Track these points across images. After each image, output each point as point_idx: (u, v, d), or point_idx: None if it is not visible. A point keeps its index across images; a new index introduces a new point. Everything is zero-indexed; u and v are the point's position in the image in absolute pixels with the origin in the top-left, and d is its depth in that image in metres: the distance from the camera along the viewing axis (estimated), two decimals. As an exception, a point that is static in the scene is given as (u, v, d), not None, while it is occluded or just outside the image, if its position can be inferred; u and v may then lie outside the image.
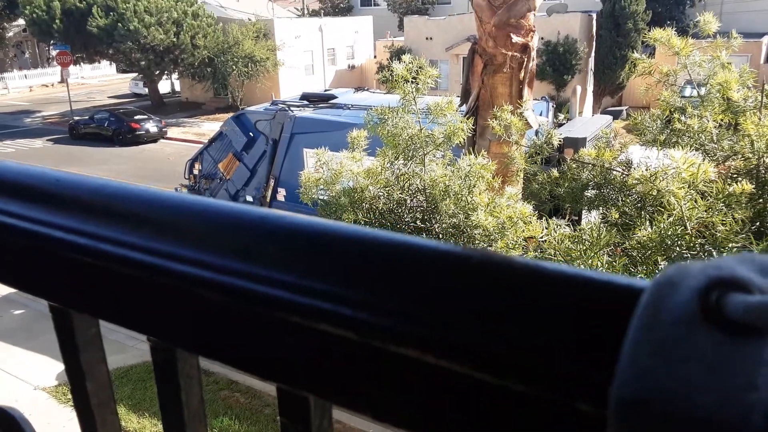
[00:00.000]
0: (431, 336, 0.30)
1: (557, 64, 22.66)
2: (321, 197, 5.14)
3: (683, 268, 0.24)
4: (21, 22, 34.43)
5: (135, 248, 0.40)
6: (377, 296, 0.32)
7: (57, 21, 25.17)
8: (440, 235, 4.58)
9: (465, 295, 0.30)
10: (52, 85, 40.26)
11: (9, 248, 0.48)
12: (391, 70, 4.78)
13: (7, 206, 0.48)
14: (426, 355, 0.30)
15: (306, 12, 45.64)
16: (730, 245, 2.43)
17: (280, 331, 0.34)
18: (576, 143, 8.33)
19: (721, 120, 4.02)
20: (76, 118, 25.74)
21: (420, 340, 0.30)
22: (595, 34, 24.18)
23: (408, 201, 4.72)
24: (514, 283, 0.30)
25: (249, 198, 11.40)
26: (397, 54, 23.78)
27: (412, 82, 4.75)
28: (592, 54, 24.10)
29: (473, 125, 6.00)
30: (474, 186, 4.37)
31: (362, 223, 4.69)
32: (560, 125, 10.61)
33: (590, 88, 24.08)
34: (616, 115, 18.13)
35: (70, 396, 0.51)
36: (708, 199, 2.70)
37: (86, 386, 0.49)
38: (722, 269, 0.23)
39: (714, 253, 2.45)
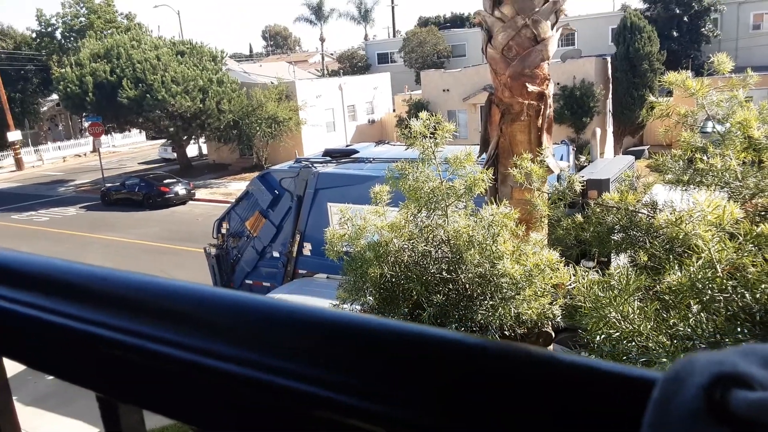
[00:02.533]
0: None
1: (575, 107, 22.81)
2: (346, 251, 5.18)
3: (689, 364, 0.26)
4: (54, 97, 36.17)
5: (174, 345, 0.43)
6: (406, 394, 0.34)
7: (89, 94, 26.35)
8: (467, 285, 4.56)
9: (484, 391, 0.32)
10: (85, 154, 41.83)
11: (58, 344, 0.51)
12: (409, 127, 4.88)
13: (57, 305, 0.51)
14: None
15: (326, 72, 47.11)
16: (762, 286, 2.38)
17: (315, 426, 0.37)
18: (599, 185, 8.30)
19: (744, 157, 3.99)
20: (108, 184, 26.59)
21: None
22: (611, 76, 24.37)
23: (433, 252, 4.73)
24: (533, 378, 0.32)
25: (276, 254, 11.51)
26: (415, 107, 24.23)
27: (430, 137, 4.84)
28: (610, 96, 24.22)
29: (494, 174, 6.04)
30: (498, 235, 4.37)
31: (388, 276, 4.70)
32: (582, 167, 10.60)
33: (610, 129, 24.09)
34: (638, 155, 18.04)
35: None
36: (737, 240, 2.66)
37: None
38: (725, 365, 0.25)
39: (747, 295, 2.40)
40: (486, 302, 4.24)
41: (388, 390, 0.35)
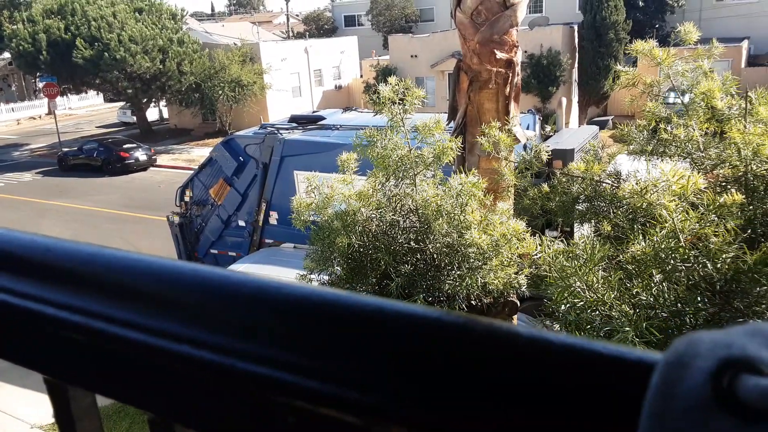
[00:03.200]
0: (445, 425, 0.29)
1: (542, 76, 22.91)
2: (313, 221, 5.13)
3: (692, 345, 0.24)
4: (6, 55, 34.51)
5: (126, 325, 0.39)
6: (384, 380, 0.31)
7: (43, 53, 25.21)
8: (434, 255, 4.58)
9: (468, 375, 0.29)
10: (40, 117, 40.26)
11: (0, 324, 0.47)
12: (378, 93, 4.81)
13: None
14: None
15: (291, 35, 46.09)
16: (723, 256, 2.45)
17: (280, 412, 0.34)
18: (564, 155, 8.41)
19: (707, 128, 4.06)
20: (65, 149, 25.72)
21: (429, 428, 0.29)
22: (577, 45, 24.50)
23: (401, 222, 4.72)
24: (521, 360, 0.29)
25: (241, 223, 11.37)
26: (383, 73, 23.99)
27: (399, 103, 4.78)
28: (576, 65, 24.39)
29: (462, 142, 6.03)
30: (466, 204, 4.38)
31: (356, 246, 4.68)
32: (548, 137, 10.71)
33: (575, 98, 24.34)
34: (602, 125, 18.32)
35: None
36: (699, 211, 2.72)
37: None
38: (732, 348, 0.23)
39: (708, 265, 2.46)
40: (453, 272, 4.27)
41: (363, 375, 0.32)
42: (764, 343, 0.23)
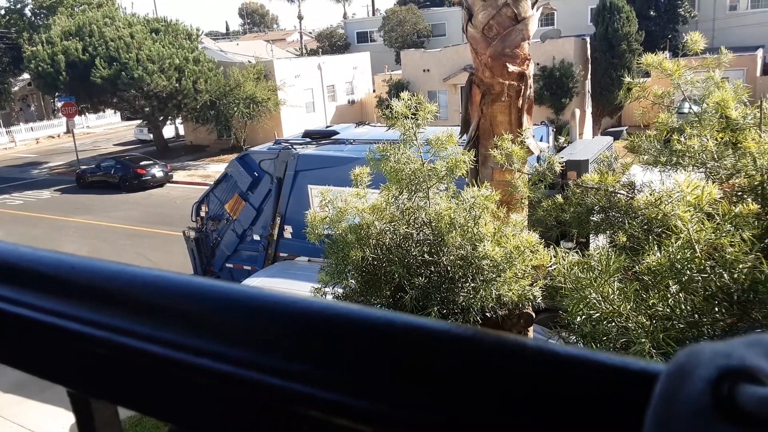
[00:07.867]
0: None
1: (554, 88, 22.88)
2: (327, 234, 5.16)
3: (693, 356, 0.25)
4: (26, 76, 35.21)
5: (147, 339, 0.41)
6: (396, 390, 0.32)
7: (62, 74, 25.69)
8: (448, 267, 4.57)
9: (477, 386, 0.30)
10: (59, 135, 40.94)
11: (23, 337, 0.49)
12: (391, 108, 4.84)
13: (22, 296, 0.49)
14: None
15: (305, 52, 46.54)
16: (740, 266, 2.42)
17: (295, 421, 0.35)
18: (579, 166, 8.37)
19: (721, 138, 4.03)
20: (83, 167, 26.09)
21: None
22: (590, 56, 24.46)
23: (414, 235, 4.72)
24: (528, 371, 0.30)
25: (256, 237, 11.44)
26: (395, 87, 24.11)
27: (411, 117, 4.81)
28: (589, 76, 24.34)
29: (475, 155, 6.03)
30: (479, 217, 4.38)
31: (370, 259, 4.69)
32: (561, 148, 10.67)
33: (589, 110, 24.26)
34: (616, 136, 18.19)
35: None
36: (715, 221, 2.70)
37: None
38: (732, 357, 0.24)
39: (725, 275, 2.43)
40: (467, 284, 4.26)
41: (374, 386, 0.33)
42: (763, 353, 0.24)
